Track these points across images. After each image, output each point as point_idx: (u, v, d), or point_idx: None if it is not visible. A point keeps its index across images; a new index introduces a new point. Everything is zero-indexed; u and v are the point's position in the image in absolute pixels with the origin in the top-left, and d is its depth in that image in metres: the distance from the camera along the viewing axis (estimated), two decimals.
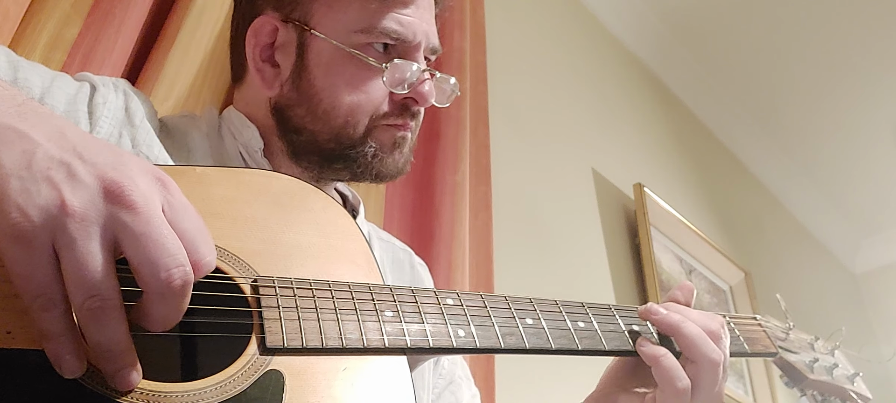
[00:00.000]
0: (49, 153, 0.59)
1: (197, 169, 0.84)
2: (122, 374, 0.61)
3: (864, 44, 3.63)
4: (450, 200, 1.86)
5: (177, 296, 0.60)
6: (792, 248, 4.27)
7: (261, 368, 0.69)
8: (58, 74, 0.96)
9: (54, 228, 0.56)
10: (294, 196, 0.87)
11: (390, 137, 1.08)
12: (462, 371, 1.24)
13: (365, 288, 0.81)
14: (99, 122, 0.93)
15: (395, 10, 1.07)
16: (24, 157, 0.58)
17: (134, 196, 0.59)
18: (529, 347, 0.85)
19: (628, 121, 3.33)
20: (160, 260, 0.58)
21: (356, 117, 1.06)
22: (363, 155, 1.07)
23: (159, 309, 0.60)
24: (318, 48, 1.07)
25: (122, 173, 0.60)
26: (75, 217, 0.57)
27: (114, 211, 0.58)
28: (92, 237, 0.57)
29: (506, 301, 0.89)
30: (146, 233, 0.58)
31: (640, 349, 0.93)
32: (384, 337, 0.77)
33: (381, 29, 1.06)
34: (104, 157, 0.61)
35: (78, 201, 0.57)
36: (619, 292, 2.61)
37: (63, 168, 0.59)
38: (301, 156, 1.09)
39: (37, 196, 0.57)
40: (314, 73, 1.07)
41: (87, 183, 0.59)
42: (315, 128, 1.07)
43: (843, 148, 4.19)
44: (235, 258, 0.77)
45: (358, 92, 1.05)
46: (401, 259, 1.27)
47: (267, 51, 1.10)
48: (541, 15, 3.01)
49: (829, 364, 1.16)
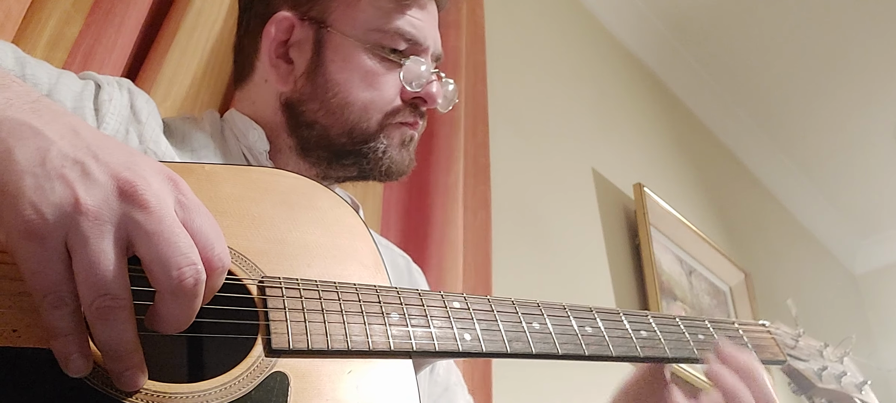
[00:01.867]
0: (63, 151, 0.59)
1: (205, 166, 0.84)
2: (129, 375, 0.61)
3: (864, 44, 3.64)
4: (441, 202, 1.86)
5: (189, 296, 0.60)
6: (792, 249, 4.27)
7: (266, 370, 0.69)
8: (63, 72, 0.96)
9: (68, 226, 0.56)
10: (302, 194, 0.87)
11: (400, 135, 1.12)
12: (456, 378, 1.26)
13: (371, 290, 0.80)
14: (105, 119, 0.94)
15: (408, 13, 1.11)
16: (39, 154, 0.58)
17: (147, 195, 0.59)
18: (536, 352, 0.85)
19: (628, 121, 3.33)
20: (172, 258, 0.59)
21: (369, 113, 1.09)
22: (374, 150, 1.09)
23: (172, 309, 0.60)
24: (336, 44, 1.10)
25: (135, 172, 0.60)
26: (89, 215, 0.57)
27: (127, 209, 0.58)
28: (105, 236, 0.57)
29: (513, 304, 0.88)
30: (158, 232, 0.58)
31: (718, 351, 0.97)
32: (390, 340, 0.76)
33: (396, 29, 1.10)
34: (117, 157, 0.61)
35: (91, 200, 0.57)
36: (619, 292, 2.61)
37: (77, 166, 0.59)
38: (310, 151, 1.11)
39: (51, 193, 0.57)
40: (330, 69, 1.09)
41: (101, 182, 0.59)
42: (328, 122, 1.09)
43: (843, 148, 4.19)
44: (242, 257, 0.76)
45: (372, 88, 1.09)
46: (400, 265, 1.28)
47: (281, 48, 1.13)
48: (540, 15, 3.01)
49: (837, 371, 1.16)
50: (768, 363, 1.08)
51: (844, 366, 1.18)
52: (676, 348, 0.96)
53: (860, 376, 1.20)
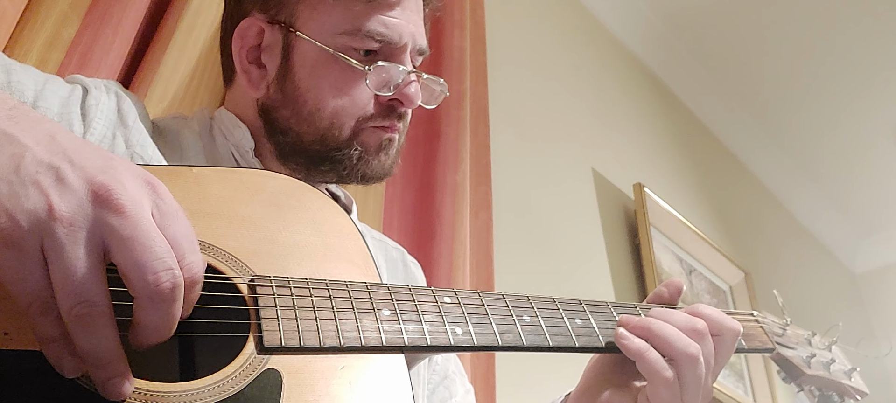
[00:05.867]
0: (38, 157, 0.59)
1: (194, 169, 0.84)
2: (113, 383, 0.59)
3: (864, 43, 3.63)
4: (451, 200, 1.86)
5: (167, 301, 0.59)
6: (792, 248, 4.27)
7: (259, 367, 0.69)
8: (50, 77, 0.96)
9: (42, 233, 0.56)
10: (291, 195, 0.87)
11: (376, 140, 1.08)
12: (455, 367, 1.25)
13: (362, 287, 0.80)
14: (92, 124, 0.93)
15: (380, 12, 1.06)
16: (13, 161, 0.58)
17: (122, 199, 0.58)
18: (527, 345, 0.85)
19: (628, 121, 3.33)
20: (148, 263, 0.58)
21: (341, 120, 1.05)
22: (349, 157, 1.06)
23: (151, 316, 0.59)
24: (303, 50, 1.07)
25: (110, 176, 0.59)
26: (63, 221, 0.56)
27: (102, 214, 0.58)
28: (79, 243, 0.56)
29: (503, 298, 0.89)
30: (133, 237, 0.58)
31: (620, 343, 0.92)
32: (382, 336, 0.77)
33: (366, 31, 1.05)
34: (93, 161, 0.60)
35: (65, 205, 0.57)
36: (620, 292, 2.61)
37: (51, 172, 0.58)
38: (288, 157, 1.09)
39: (25, 200, 0.56)
40: (299, 75, 1.06)
41: (76, 187, 0.58)
42: (300, 129, 1.06)
43: (843, 148, 4.19)
44: (232, 258, 0.77)
45: (342, 95, 1.05)
46: (394, 258, 1.27)
47: (253, 52, 1.10)
48: (541, 15, 3.01)
49: (826, 359, 1.16)
50: (757, 351, 1.09)
51: (832, 354, 1.19)
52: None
53: (848, 363, 1.21)
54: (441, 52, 2.09)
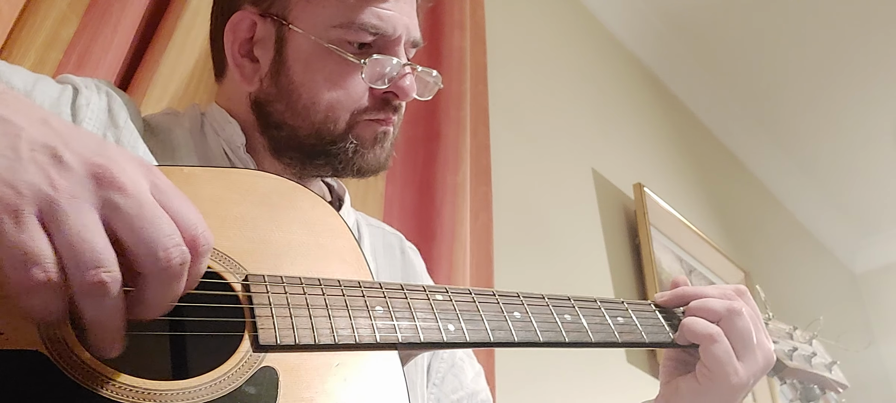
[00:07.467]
0: (32, 136, 0.57)
1: (184, 169, 0.83)
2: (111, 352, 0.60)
3: (865, 43, 3.63)
4: (451, 200, 1.86)
5: (175, 277, 0.59)
6: (792, 248, 4.27)
7: (255, 365, 0.69)
8: (40, 77, 0.95)
9: (44, 202, 0.55)
10: (283, 195, 0.87)
11: (372, 132, 1.07)
12: (462, 351, 1.24)
13: (355, 285, 0.81)
14: (82, 124, 0.92)
15: (373, 5, 1.05)
16: (8, 139, 0.56)
17: (123, 178, 0.58)
18: (518, 340, 0.86)
19: (628, 121, 3.34)
20: (158, 240, 0.58)
21: (336, 113, 1.05)
22: (344, 151, 1.05)
23: (157, 292, 0.59)
24: (297, 43, 1.06)
25: (108, 158, 0.59)
26: (65, 192, 0.55)
27: (104, 193, 0.57)
28: (84, 211, 0.56)
29: (494, 295, 0.89)
30: (140, 215, 0.57)
31: (687, 328, 0.99)
32: (376, 333, 0.77)
33: (360, 23, 1.04)
34: (89, 145, 0.60)
35: (66, 182, 0.56)
36: (619, 292, 2.61)
37: (47, 151, 0.57)
38: (282, 151, 1.08)
39: (24, 173, 0.55)
40: (293, 69, 1.06)
41: (74, 167, 0.57)
42: (295, 123, 1.06)
43: (843, 147, 4.19)
44: (226, 257, 0.77)
45: (337, 88, 1.04)
46: (391, 243, 1.26)
47: (246, 45, 1.09)
48: (541, 15, 3.02)
49: (807, 352, 1.18)
50: None
51: (813, 348, 1.21)
52: (652, 333, 1.00)
53: (829, 357, 1.24)
54: (441, 52, 2.10)
